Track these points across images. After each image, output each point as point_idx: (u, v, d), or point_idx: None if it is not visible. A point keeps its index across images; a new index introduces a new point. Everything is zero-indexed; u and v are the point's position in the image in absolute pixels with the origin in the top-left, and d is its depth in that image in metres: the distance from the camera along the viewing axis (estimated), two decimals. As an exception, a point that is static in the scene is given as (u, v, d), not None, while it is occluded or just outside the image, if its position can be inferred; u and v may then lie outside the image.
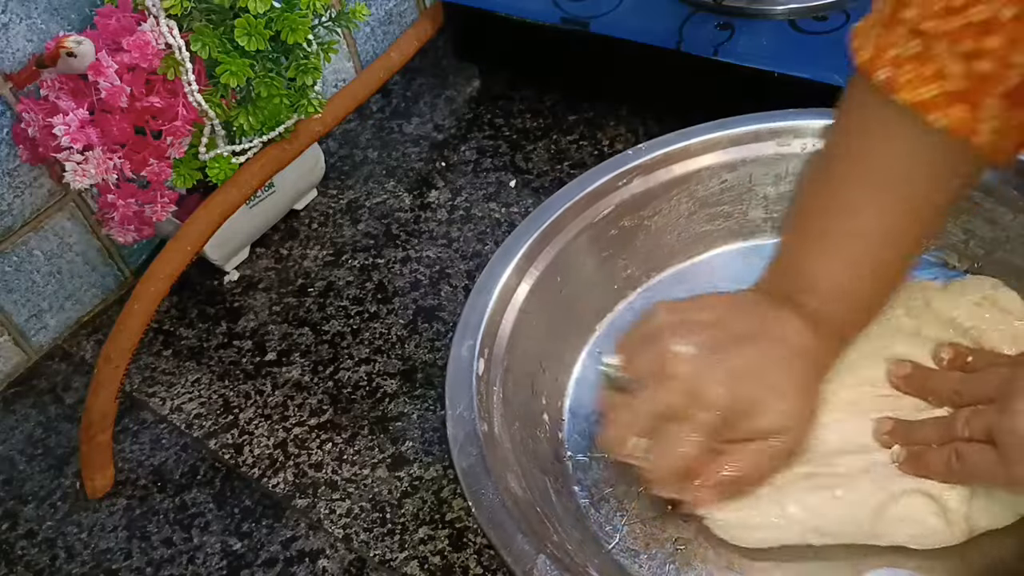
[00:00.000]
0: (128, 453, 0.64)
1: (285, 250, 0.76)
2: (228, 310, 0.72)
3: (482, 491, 0.50)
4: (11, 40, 0.62)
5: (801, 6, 0.72)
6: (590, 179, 0.64)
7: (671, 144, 0.64)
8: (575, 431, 0.59)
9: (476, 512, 0.49)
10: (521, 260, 0.60)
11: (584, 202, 0.63)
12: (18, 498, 0.63)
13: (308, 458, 0.62)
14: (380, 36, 0.87)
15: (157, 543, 0.60)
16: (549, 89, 0.83)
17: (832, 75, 0.66)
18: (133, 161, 0.61)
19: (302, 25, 0.62)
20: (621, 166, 0.64)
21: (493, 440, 0.53)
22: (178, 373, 0.68)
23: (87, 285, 0.73)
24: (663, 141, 0.64)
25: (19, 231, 0.67)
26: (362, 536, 0.58)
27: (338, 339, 0.68)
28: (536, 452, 0.56)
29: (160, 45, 0.59)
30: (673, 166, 0.64)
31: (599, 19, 0.75)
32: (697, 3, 0.74)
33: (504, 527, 0.49)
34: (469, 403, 0.54)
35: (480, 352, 0.56)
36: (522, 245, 0.60)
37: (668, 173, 0.64)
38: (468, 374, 0.55)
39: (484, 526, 0.49)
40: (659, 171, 0.64)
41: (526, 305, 0.59)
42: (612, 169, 0.64)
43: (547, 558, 0.47)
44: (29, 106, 0.60)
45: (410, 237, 0.74)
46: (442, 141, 0.82)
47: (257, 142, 0.67)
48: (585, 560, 0.51)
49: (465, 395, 0.54)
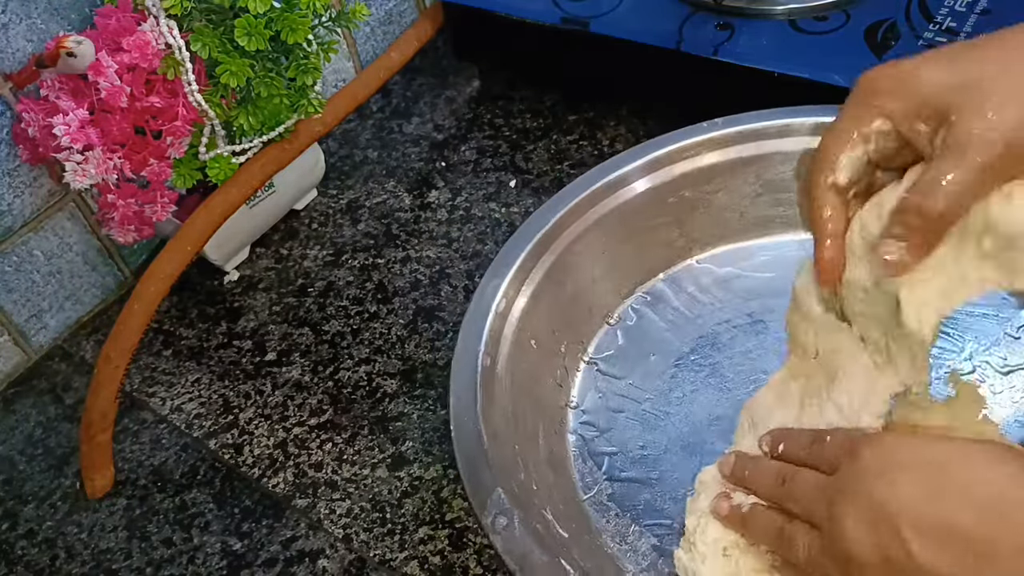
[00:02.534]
0: (128, 453, 0.64)
1: (285, 250, 0.76)
2: (228, 310, 0.72)
3: (466, 423, 0.52)
4: (11, 40, 0.62)
5: (801, 6, 0.72)
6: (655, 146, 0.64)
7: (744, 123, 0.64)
8: (587, 383, 0.60)
9: (454, 438, 0.52)
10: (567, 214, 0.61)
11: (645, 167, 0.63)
12: (18, 498, 0.63)
13: (308, 458, 0.62)
14: (380, 36, 0.87)
15: (157, 543, 0.60)
16: (549, 89, 0.83)
17: (832, 75, 0.66)
18: (133, 161, 0.61)
19: (302, 25, 0.62)
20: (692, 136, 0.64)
21: (493, 376, 0.55)
22: (178, 373, 0.68)
23: (87, 285, 0.73)
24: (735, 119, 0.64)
25: (19, 231, 0.67)
26: (362, 536, 0.58)
27: (338, 339, 0.68)
28: (537, 395, 0.58)
29: (160, 45, 0.59)
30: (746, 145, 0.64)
31: (599, 19, 0.75)
32: (697, 3, 0.74)
33: (472, 458, 0.51)
34: (479, 337, 0.55)
35: (505, 293, 0.58)
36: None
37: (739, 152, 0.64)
38: (487, 310, 0.57)
39: (457, 454, 0.51)
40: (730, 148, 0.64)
41: (563, 258, 0.61)
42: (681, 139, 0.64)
43: (504, 492, 0.49)
44: (29, 106, 0.60)
45: (410, 237, 0.74)
46: (442, 141, 0.82)
47: (257, 142, 0.67)
48: (545, 503, 0.52)
49: (477, 329, 0.56)
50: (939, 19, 0.69)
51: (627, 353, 0.62)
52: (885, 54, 0.67)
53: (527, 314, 0.58)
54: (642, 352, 0.62)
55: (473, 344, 0.55)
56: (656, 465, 0.56)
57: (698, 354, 0.61)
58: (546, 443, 0.56)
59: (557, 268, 0.60)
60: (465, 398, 0.53)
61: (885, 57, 0.67)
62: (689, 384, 0.60)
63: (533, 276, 0.59)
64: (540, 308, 0.59)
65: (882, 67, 0.45)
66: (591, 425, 0.59)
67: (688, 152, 0.63)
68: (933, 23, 0.69)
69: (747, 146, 0.64)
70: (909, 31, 0.68)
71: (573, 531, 0.52)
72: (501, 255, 0.60)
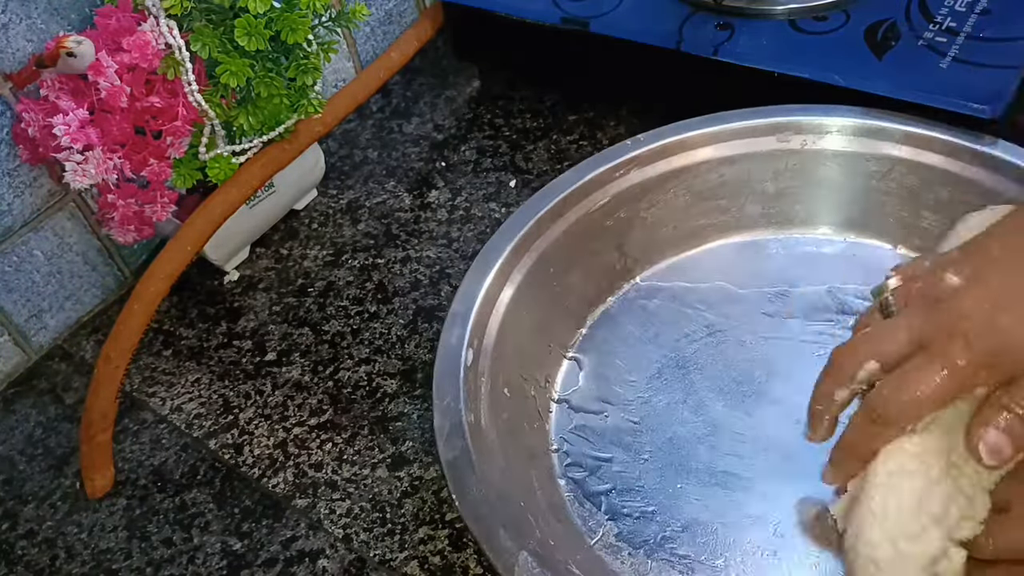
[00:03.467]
0: (128, 453, 0.64)
1: (285, 250, 0.76)
2: (228, 310, 0.72)
3: (467, 484, 0.50)
4: (11, 40, 0.62)
5: (801, 6, 0.72)
6: (585, 170, 0.64)
7: (668, 136, 0.64)
8: (562, 423, 0.59)
9: (460, 506, 0.50)
10: (512, 251, 0.60)
11: (578, 193, 0.63)
12: (18, 498, 0.63)
13: (308, 458, 0.62)
14: (380, 36, 0.87)
15: (157, 543, 0.60)
16: (549, 89, 0.83)
17: (832, 75, 0.66)
18: (133, 161, 0.61)
19: (302, 25, 0.62)
20: (618, 157, 0.64)
21: (480, 431, 0.53)
22: (178, 373, 0.68)
23: (87, 285, 0.73)
24: (659, 133, 0.65)
25: (19, 231, 0.67)
26: (362, 536, 0.58)
27: (338, 339, 0.68)
28: (523, 444, 0.56)
29: (160, 45, 0.59)
30: (672, 158, 0.64)
31: (599, 19, 0.75)
32: (697, 3, 0.74)
33: (486, 521, 0.49)
34: (456, 394, 0.54)
35: (469, 342, 0.56)
36: (514, 236, 0.61)
37: (667, 165, 0.64)
38: (456, 364, 0.55)
39: (467, 520, 0.49)
40: (657, 163, 0.64)
41: (517, 295, 0.60)
42: (608, 160, 0.64)
43: (529, 554, 0.47)
44: (29, 106, 0.60)
45: (410, 237, 0.74)
46: (442, 141, 0.82)
47: (257, 142, 0.67)
48: (567, 556, 0.50)
49: (453, 385, 0.54)
50: (939, 19, 0.69)
51: (593, 386, 0.61)
52: (885, 54, 0.67)
53: (495, 361, 0.57)
54: (608, 382, 0.61)
55: (454, 403, 0.53)
56: (654, 495, 0.55)
57: (665, 375, 0.61)
58: (543, 493, 0.55)
59: (513, 308, 0.60)
60: (460, 463, 0.51)
61: (885, 57, 0.67)
62: (664, 407, 0.59)
63: (491, 323, 0.58)
64: (506, 352, 0.58)
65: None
66: (578, 466, 0.57)
67: (617, 172, 0.64)
68: (933, 23, 0.69)
69: (672, 159, 0.64)
70: (909, 31, 0.68)
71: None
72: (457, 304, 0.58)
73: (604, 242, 0.64)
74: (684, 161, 0.64)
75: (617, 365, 0.62)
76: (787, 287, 0.63)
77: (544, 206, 0.62)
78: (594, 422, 0.59)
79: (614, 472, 0.57)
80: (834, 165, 0.64)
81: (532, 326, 0.61)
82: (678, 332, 0.62)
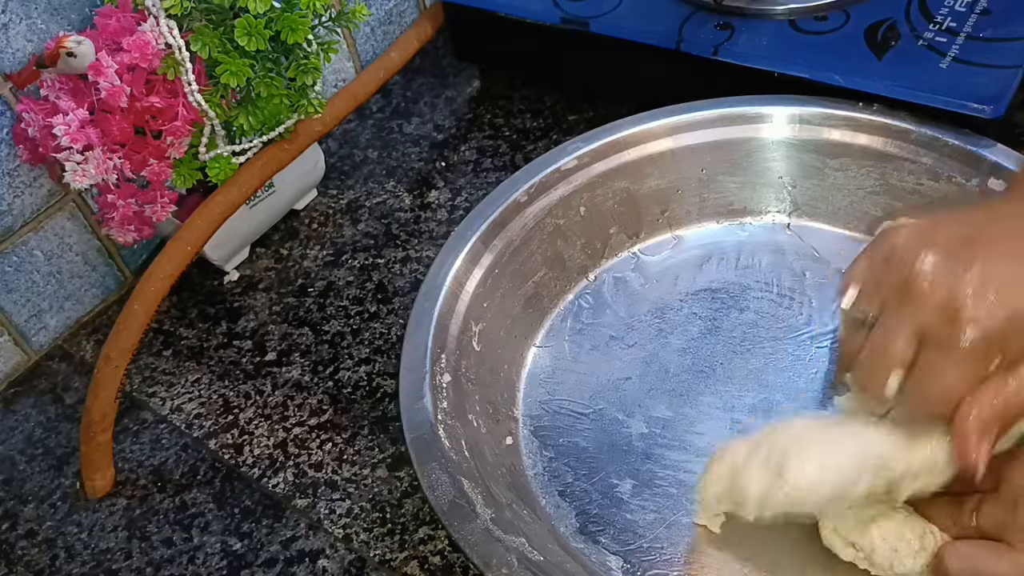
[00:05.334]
0: (128, 453, 0.64)
1: (285, 250, 0.76)
2: (228, 310, 0.72)
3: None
4: (11, 40, 0.62)
5: (801, 6, 0.72)
6: (546, 162, 0.66)
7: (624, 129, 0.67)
8: (529, 424, 0.60)
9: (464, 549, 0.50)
10: (475, 244, 0.62)
11: (540, 186, 0.65)
12: (18, 498, 0.63)
13: (308, 458, 0.62)
14: (380, 36, 0.87)
15: (157, 543, 0.60)
16: (549, 89, 0.83)
17: (832, 75, 0.66)
18: (133, 161, 0.61)
19: (302, 25, 0.62)
20: (578, 149, 0.66)
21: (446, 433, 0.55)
22: (178, 373, 0.68)
23: (87, 285, 0.73)
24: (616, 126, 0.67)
25: (19, 231, 0.67)
26: (362, 536, 0.58)
27: (338, 339, 0.68)
28: (505, 473, 0.56)
29: (160, 45, 0.59)
30: (629, 151, 0.67)
31: (599, 19, 0.75)
32: (697, 3, 0.74)
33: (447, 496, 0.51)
34: (431, 431, 0.54)
35: (435, 345, 0.58)
36: (476, 230, 0.63)
37: (627, 156, 0.67)
38: (422, 367, 0.57)
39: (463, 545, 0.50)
40: (611, 156, 0.67)
41: (479, 291, 0.61)
42: (567, 153, 0.66)
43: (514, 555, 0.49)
44: (29, 106, 0.60)
45: (410, 237, 0.74)
46: (442, 141, 0.82)
47: (257, 142, 0.67)
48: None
49: (419, 387, 0.56)
50: (939, 19, 0.69)
51: (556, 417, 0.61)
52: (885, 54, 0.67)
53: (456, 394, 0.57)
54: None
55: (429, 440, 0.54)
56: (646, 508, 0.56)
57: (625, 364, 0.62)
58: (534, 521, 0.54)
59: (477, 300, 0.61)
60: (454, 498, 0.51)
61: (885, 57, 0.67)
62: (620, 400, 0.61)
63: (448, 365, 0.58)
64: (468, 389, 0.59)
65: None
66: (557, 483, 0.58)
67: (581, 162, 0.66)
68: (933, 23, 0.69)
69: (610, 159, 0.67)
70: (909, 31, 0.68)
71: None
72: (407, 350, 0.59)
73: (566, 235, 0.66)
74: (641, 153, 0.67)
75: (568, 386, 0.62)
76: (743, 273, 0.66)
77: (500, 204, 0.64)
78: (560, 444, 0.59)
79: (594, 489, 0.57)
80: (778, 153, 0.67)
81: (496, 322, 0.62)
82: (633, 323, 0.64)
